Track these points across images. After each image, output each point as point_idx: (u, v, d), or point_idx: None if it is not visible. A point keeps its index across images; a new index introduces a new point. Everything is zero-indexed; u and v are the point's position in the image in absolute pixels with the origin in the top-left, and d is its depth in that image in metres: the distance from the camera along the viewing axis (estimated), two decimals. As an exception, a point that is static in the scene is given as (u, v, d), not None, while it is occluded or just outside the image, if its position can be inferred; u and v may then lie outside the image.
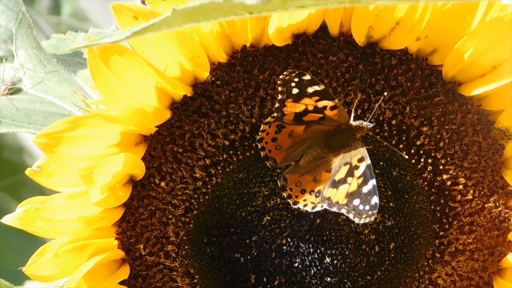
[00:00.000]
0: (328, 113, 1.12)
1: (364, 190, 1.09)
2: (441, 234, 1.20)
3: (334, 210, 1.10)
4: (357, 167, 1.11)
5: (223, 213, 1.19)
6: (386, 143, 1.17)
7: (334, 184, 1.11)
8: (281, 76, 1.09)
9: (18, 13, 1.41)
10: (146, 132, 1.15)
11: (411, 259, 1.22)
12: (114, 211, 1.17)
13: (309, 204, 1.12)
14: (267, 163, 1.15)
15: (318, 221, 1.20)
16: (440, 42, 1.15)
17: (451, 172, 1.19)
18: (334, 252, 1.20)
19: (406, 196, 1.20)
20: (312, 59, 1.16)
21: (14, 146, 2.40)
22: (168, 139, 1.16)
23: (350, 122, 1.14)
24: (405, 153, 1.17)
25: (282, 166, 1.16)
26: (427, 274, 1.22)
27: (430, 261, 1.22)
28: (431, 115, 1.18)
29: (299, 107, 1.12)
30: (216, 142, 1.16)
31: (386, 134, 1.18)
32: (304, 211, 1.18)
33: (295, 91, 1.10)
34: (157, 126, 1.15)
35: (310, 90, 1.10)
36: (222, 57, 1.15)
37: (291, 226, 1.20)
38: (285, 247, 1.20)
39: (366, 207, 1.08)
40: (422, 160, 1.19)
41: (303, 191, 1.13)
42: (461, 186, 1.19)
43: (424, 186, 1.20)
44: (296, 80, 1.09)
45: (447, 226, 1.20)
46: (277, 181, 1.17)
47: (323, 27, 1.16)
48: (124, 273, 1.19)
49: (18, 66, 1.40)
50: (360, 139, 1.13)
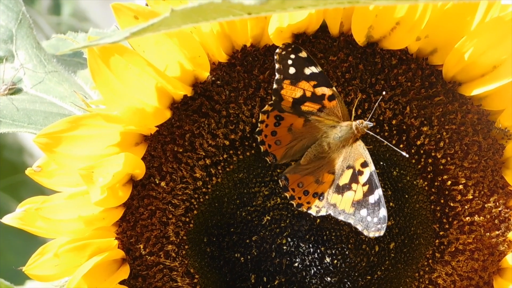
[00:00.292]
0: (326, 103, 1.12)
1: (370, 200, 1.08)
2: (441, 234, 1.20)
3: (341, 218, 1.10)
4: (361, 173, 1.10)
5: (223, 213, 1.19)
6: (386, 143, 1.17)
7: (339, 189, 1.11)
8: (277, 50, 1.09)
9: (18, 13, 1.41)
10: (146, 132, 1.15)
11: (411, 259, 1.22)
12: (114, 211, 1.17)
13: (313, 207, 1.12)
14: (267, 159, 1.15)
15: (318, 221, 1.20)
16: (440, 42, 1.15)
17: (451, 172, 1.19)
18: (334, 252, 1.20)
19: (406, 196, 1.20)
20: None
21: (14, 146, 2.40)
22: (168, 139, 1.16)
23: (351, 121, 1.14)
24: (405, 152, 1.16)
25: (282, 164, 1.16)
26: (427, 274, 1.22)
27: (430, 261, 1.21)
28: (431, 115, 1.18)
29: (297, 92, 1.11)
30: (216, 142, 1.16)
31: (386, 134, 1.18)
32: (301, 212, 1.18)
33: (292, 71, 1.10)
34: (157, 126, 1.15)
35: (307, 72, 1.10)
36: (222, 57, 1.15)
37: (291, 226, 1.20)
38: (285, 247, 1.20)
39: (375, 219, 1.07)
40: (422, 160, 1.19)
41: (306, 193, 1.13)
42: (461, 186, 1.19)
43: (424, 186, 1.20)
44: (292, 56, 1.09)
45: (447, 226, 1.20)
46: (278, 181, 1.17)
47: (323, 27, 1.16)
48: (124, 273, 1.19)
49: (18, 66, 1.40)
50: (360, 139, 1.13)
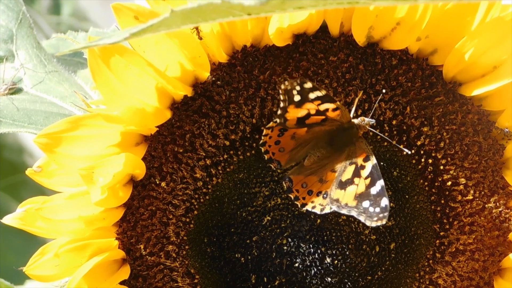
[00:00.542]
0: (330, 114, 1.12)
1: (372, 191, 1.08)
2: (441, 234, 1.20)
3: (344, 212, 1.09)
4: (363, 167, 1.10)
5: (224, 213, 1.19)
6: (386, 143, 1.17)
7: (341, 185, 1.11)
8: (282, 86, 1.08)
9: (19, 13, 1.41)
10: (146, 132, 1.15)
11: (412, 259, 1.22)
12: (114, 211, 1.16)
13: (317, 206, 1.12)
14: (272, 166, 1.15)
15: (319, 221, 1.20)
16: (440, 42, 1.15)
17: (452, 172, 1.19)
18: (334, 252, 1.20)
19: (407, 196, 1.20)
20: (312, 59, 1.16)
21: (14, 146, 2.40)
22: (168, 139, 1.16)
23: (352, 120, 1.13)
24: (402, 146, 1.16)
25: (286, 167, 1.16)
26: (428, 274, 1.22)
27: (431, 261, 1.21)
28: (432, 115, 1.18)
29: (301, 112, 1.10)
30: (216, 142, 1.16)
31: (387, 134, 1.17)
32: (305, 211, 1.18)
33: (297, 98, 1.09)
34: (157, 126, 1.15)
35: (312, 96, 1.09)
36: (222, 57, 1.15)
37: (292, 226, 1.20)
38: (285, 247, 1.20)
39: (377, 209, 1.07)
40: (423, 160, 1.19)
41: (310, 193, 1.13)
42: (461, 186, 1.19)
43: (424, 186, 1.20)
44: (297, 88, 1.08)
45: (448, 226, 1.20)
46: (278, 181, 1.17)
47: (324, 27, 1.16)
48: (124, 273, 1.19)
49: (19, 66, 1.40)
50: (363, 137, 1.13)
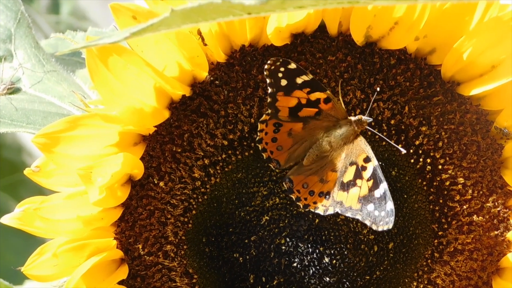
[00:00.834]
0: (323, 106, 1.12)
1: (376, 194, 1.08)
2: (440, 234, 1.20)
3: (349, 215, 1.09)
4: (364, 168, 1.10)
5: (222, 213, 1.19)
6: (384, 143, 1.17)
7: (343, 186, 1.10)
8: (265, 66, 1.09)
9: (17, 12, 1.41)
10: (145, 132, 1.15)
11: (410, 259, 1.22)
12: (113, 211, 1.17)
13: (320, 207, 1.12)
14: (271, 165, 1.15)
15: (317, 221, 1.20)
16: (439, 42, 1.15)
17: (450, 171, 1.19)
18: (333, 252, 1.20)
19: (405, 196, 1.20)
20: (311, 59, 1.16)
21: (13, 145, 2.40)
22: (167, 139, 1.16)
23: (348, 117, 1.13)
24: (400, 146, 1.16)
25: (285, 167, 1.16)
26: (426, 274, 1.22)
27: (429, 261, 1.21)
28: (430, 115, 1.18)
29: (292, 101, 1.11)
30: (215, 142, 1.16)
31: (385, 134, 1.17)
32: (303, 211, 1.18)
33: (284, 83, 1.10)
34: (156, 126, 1.15)
35: (299, 81, 1.10)
36: (221, 56, 1.15)
37: (290, 226, 1.20)
38: (284, 247, 1.20)
39: (382, 213, 1.07)
40: (421, 159, 1.19)
41: (312, 193, 1.13)
42: (460, 186, 1.19)
43: (423, 186, 1.20)
44: (282, 69, 1.09)
45: (446, 226, 1.20)
46: (281, 183, 1.17)
47: (322, 27, 1.16)
48: (123, 273, 1.19)
49: (17, 66, 1.40)
50: (361, 135, 1.13)
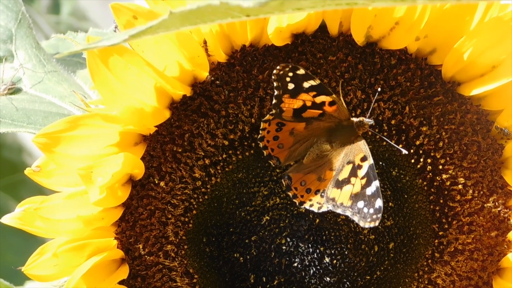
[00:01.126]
0: (327, 109, 1.12)
1: (368, 192, 1.08)
2: (440, 234, 1.20)
3: (339, 212, 1.09)
4: (360, 167, 1.10)
5: (223, 212, 1.19)
6: (385, 143, 1.17)
7: (338, 184, 1.10)
8: (274, 71, 1.09)
9: (18, 13, 1.41)
10: (145, 131, 1.15)
11: (411, 259, 1.22)
12: (113, 211, 1.17)
13: (315, 204, 1.12)
14: (271, 162, 1.15)
15: (318, 220, 1.20)
16: (439, 42, 1.15)
17: (451, 172, 1.19)
18: (333, 252, 1.20)
19: (406, 196, 1.20)
20: (311, 59, 1.16)
21: (13, 145, 2.40)
22: (167, 139, 1.16)
23: (351, 118, 1.13)
24: (401, 146, 1.16)
25: (285, 165, 1.16)
26: (427, 274, 1.22)
27: (430, 261, 1.21)
28: (431, 115, 1.18)
29: (297, 103, 1.11)
30: (215, 142, 1.16)
31: (386, 134, 1.17)
32: (303, 211, 1.18)
33: (291, 86, 1.10)
34: (156, 126, 1.15)
35: (306, 85, 1.10)
36: (221, 56, 1.15)
37: (291, 226, 1.20)
38: (284, 247, 1.20)
39: (371, 210, 1.07)
40: (422, 160, 1.19)
41: (309, 191, 1.13)
42: (460, 186, 1.19)
43: (423, 186, 1.20)
44: (290, 74, 1.09)
45: (447, 226, 1.20)
46: (277, 180, 1.17)
47: (323, 27, 1.16)
48: (123, 272, 1.19)
49: (18, 66, 1.40)
50: (362, 136, 1.13)
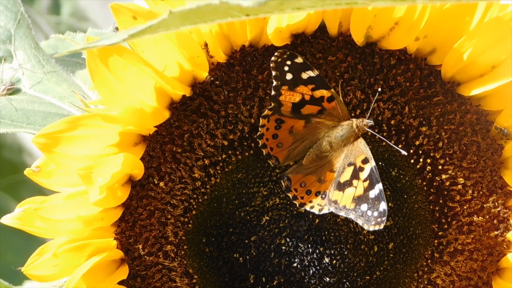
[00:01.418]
0: (326, 105, 1.12)
1: (371, 194, 1.08)
2: (440, 234, 1.20)
3: (342, 214, 1.09)
4: (362, 169, 1.10)
5: (222, 213, 1.19)
6: (384, 143, 1.17)
7: (340, 186, 1.10)
8: (272, 58, 1.09)
9: (17, 13, 1.41)
10: (145, 132, 1.15)
11: (410, 259, 1.22)
12: (113, 211, 1.17)
13: (315, 206, 1.12)
14: (270, 162, 1.15)
15: (317, 221, 1.20)
16: (439, 42, 1.15)
17: (450, 172, 1.19)
18: (333, 252, 1.20)
19: (405, 196, 1.20)
20: (311, 59, 1.16)
21: (13, 145, 2.40)
22: (167, 139, 1.16)
23: (350, 118, 1.13)
24: (401, 146, 1.16)
25: (284, 165, 1.16)
26: (426, 274, 1.22)
27: (429, 261, 1.21)
28: (430, 115, 1.18)
29: (296, 96, 1.11)
30: (215, 142, 1.16)
31: (385, 134, 1.17)
32: (303, 211, 1.18)
33: (289, 77, 1.10)
34: (156, 126, 1.15)
35: (304, 76, 1.10)
36: (221, 57, 1.15)
37: (290, 226, 1.20)
38: (284, 247, 1.20)
39: (375, 213, 1.07)
40: (421, 160, 1.19)
41: (309, 192, 1.13)
42: (460, 186, 1.19)
43: (423, 186, 1.20)
44: (288, 63, 1.09)
45: (446, 226, 1.20)
46: (277, 181, 1.17)
47: (322, 27, 1.16)
48: (123, 273, 1.19)
49: (17, 67, 1.40)
50: (362, 137, 1.13)
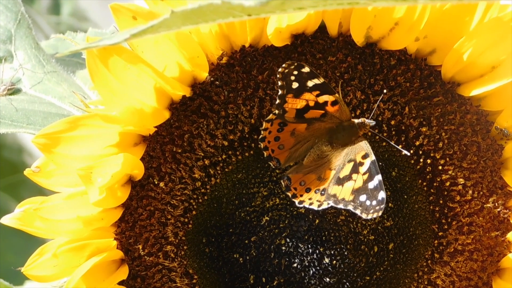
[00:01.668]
0: (329, 109, 1.12)
1: (370, 186, 1.08)
2: (440, 234, 1.20)
3: (340, 206, 1.09)
4: (361, 164, 1.10)
5: (222, 213, 1.19)
6: (385, 143, 1.17)
7: (339, 181, 1.10)
8: (280, 69, 1.08)
9: (17, 13, 1.41)
10: (145, 132, 1.15)
11: (410, 260, 1.22)
12: (113, 211, 1.17)
13: (314, 202, 1.12)
14: (271, 164, 1.15)
15: (317, 221, 1.20)
16: (439, 43, 1.15)
17: (450, 172, 1.19)
18: (333, 252, 1.20)
19: (405, 196, 1.20)
20: (311, 60, 1.16)
21: (13, 145, 2.40)
22: (167, 140, 1.16)
23: (352, 119, 1.13)
24: (401, 147, 1.16)
25: (284, 166, 1.16)
26: (426, 274, 1.22)
27: (429, 261, 1.21)
28: (430, 116, 1.18)
29: (300, 103, 1.11)
30: (215, 142, 1.16)
31: (385, 134, 1.17)
32: (303, 211, 1.18)
33: (295, 85, 1.09)
34: (156, 127, 1.15)
35: (310, 84, 1.09)
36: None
37: (290, 227, 1.20)
38: (284, 248, 1.20)
39: (373, 202, 1.07)
40: (421, 160, 1.19)
41: (308, 190, 1.12)
42: (460, 187, 1.19)
43: (423, 186, 1.20)
44: (295, 73, 1.08)
45: (446, 227, 1.20)
46: (277, 181, 1.17)
47: (322, 28, 1.16)
48: (123, 273, 1.19)
49: (17, 67, 1.40)
50: (362, 137, 1.13)
